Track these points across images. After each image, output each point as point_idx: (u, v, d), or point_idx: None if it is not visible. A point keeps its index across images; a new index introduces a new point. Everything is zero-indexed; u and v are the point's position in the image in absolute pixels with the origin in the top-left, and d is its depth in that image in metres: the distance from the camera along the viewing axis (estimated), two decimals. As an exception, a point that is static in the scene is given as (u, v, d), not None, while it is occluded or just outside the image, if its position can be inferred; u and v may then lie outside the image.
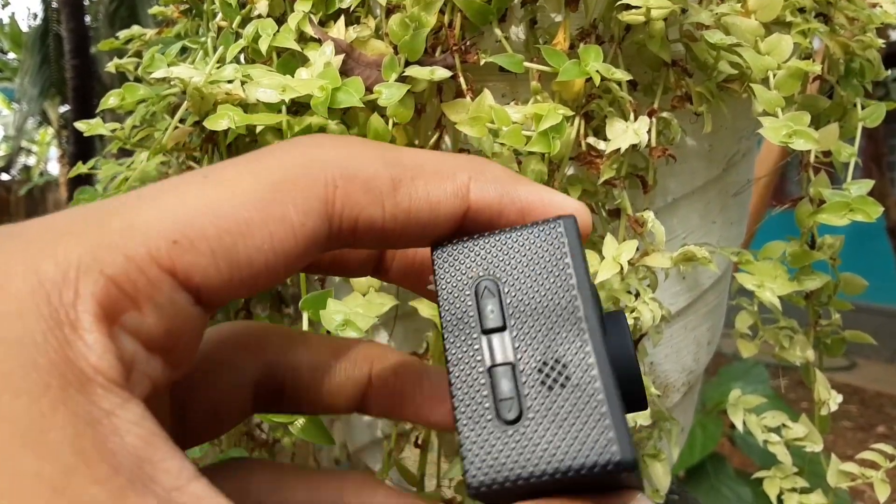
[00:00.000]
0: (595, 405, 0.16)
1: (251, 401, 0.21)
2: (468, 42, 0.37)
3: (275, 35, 0.38)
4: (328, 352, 0.22)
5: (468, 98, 0.36)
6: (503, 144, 0.35)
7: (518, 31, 0.38)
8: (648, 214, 0.37)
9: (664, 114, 0.38)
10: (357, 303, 0.36)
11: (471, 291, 0.18)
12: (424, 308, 0.36)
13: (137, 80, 0.47)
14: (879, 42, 0.42)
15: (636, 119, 0.36)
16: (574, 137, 0.37)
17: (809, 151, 0.39)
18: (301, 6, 0.38)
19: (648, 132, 0.36)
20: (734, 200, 0.45)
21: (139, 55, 0.51)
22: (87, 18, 4.48)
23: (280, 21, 0.39)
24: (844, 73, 0.43)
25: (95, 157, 0.50)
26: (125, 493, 0.12)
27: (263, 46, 0.38)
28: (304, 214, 0.16)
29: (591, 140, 0.37)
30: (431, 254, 0.19)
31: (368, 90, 0.36)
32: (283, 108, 0.36)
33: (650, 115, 0.37)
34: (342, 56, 0.37)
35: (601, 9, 0.37)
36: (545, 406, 0.16)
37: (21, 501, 0.12)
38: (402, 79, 0.36)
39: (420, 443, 0.40)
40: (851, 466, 0.41)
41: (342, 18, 0.38)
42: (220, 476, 0.19)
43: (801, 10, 0.40)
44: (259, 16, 0.40)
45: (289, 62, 0.38)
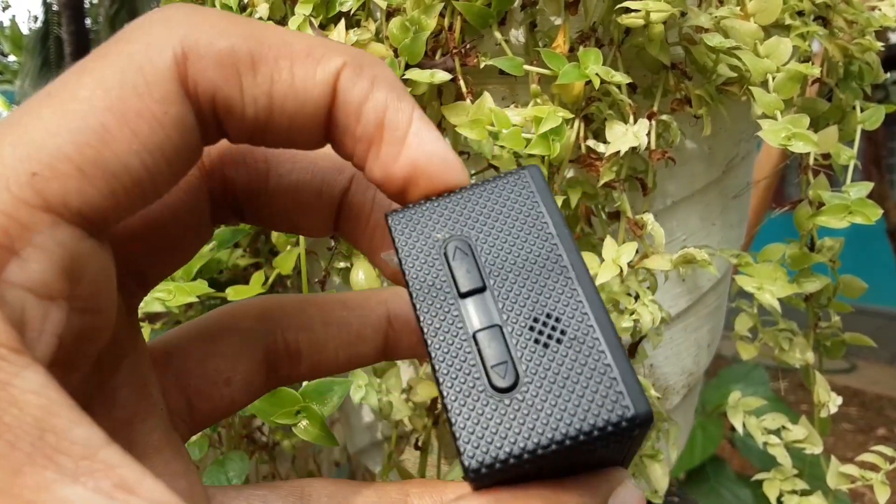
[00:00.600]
0: (598, 357, 0.14)
1: (263, 373, 0.20)
2: (468, 45, 0.37)
3: (275, 38, 0.38)
4: (338, 305, 0.20)
5: (468, 101, 0.36)
6: (503, 147, 0.35)
7: (518, 35, 0.38)
8: (648, 217, 0.37)
9: (664, 116, 0.38)
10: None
11: (439, 255, 0.16)
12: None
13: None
14: (878, 45, 0.42)
15: (636, 122, 0.36)
16: (574, 140, 0.37)
17: (809, 154, 0.39)
18: (302, 9, 0.38)
19: (648, 135, 0.36)
20: (734, 203, 0.46)
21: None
22: (88, 21, 4.49)
23: (281, 24, 0.39)
24: (843, 76, 0.43)
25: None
26: (20, 469, 0.11)
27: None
28: (163, 101, 0.14)
29: (591, 143, 0.37)
30: (386, 220, 0.17)
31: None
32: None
33: (650, 118, 0.37)
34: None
35: (601, 12, 0.37)
36: (543, 366, 0.15)
37: None
38: (403, 82, 0.36)
39: (420, 445, 0.40)
40: (851, 468, 0.41)
41: (343, 21, 0.38)
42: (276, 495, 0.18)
43: (800, 14, 0.40)
44: (260, 18, 0.40)
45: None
